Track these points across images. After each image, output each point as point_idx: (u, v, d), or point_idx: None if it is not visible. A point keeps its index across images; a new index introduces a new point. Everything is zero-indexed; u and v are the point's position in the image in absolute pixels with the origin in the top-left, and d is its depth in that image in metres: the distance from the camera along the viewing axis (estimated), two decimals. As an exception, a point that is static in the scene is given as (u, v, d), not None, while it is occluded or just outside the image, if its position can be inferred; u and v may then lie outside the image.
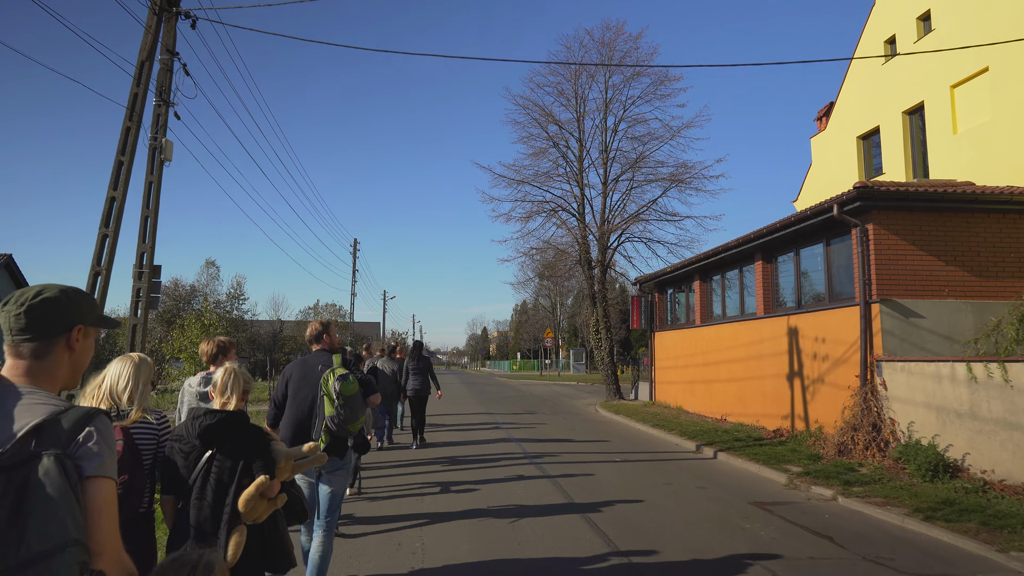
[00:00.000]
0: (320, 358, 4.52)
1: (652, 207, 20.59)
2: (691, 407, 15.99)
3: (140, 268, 8.80)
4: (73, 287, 1.54)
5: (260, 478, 2.60)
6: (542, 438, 12.26)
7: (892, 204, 9.37)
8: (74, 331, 1.49)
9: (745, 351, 13.33)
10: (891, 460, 8.36)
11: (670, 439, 12.16)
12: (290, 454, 2.85)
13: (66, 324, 1.47)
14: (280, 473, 2.75)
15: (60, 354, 1.47)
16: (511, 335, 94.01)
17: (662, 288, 19.04)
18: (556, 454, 10.33)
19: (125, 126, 8.44)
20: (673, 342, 17.52)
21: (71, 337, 1.48)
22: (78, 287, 1.56)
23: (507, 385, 35.04)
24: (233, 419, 2.74)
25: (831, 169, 18.06)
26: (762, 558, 5.18)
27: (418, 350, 11.58)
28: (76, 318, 1.49)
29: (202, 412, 2.72)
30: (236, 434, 2.71)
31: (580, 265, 21.12)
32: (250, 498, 2.55)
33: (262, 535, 2.71)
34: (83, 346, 1.52)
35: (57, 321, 1.46)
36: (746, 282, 13.81)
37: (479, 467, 9.22)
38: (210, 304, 30.30)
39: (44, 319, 1.44)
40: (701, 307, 15.79)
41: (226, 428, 2.69)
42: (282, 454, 2.80)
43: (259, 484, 2.58)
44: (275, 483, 2.68)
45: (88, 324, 1.53)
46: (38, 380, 1.43)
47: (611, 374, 20.65)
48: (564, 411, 18.19)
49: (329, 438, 4.17)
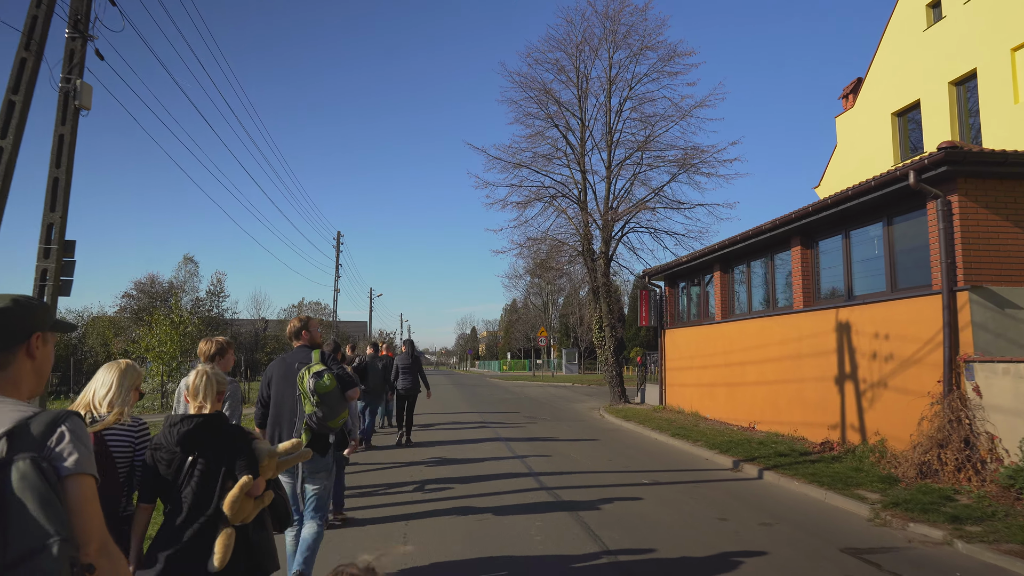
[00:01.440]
0: (299, 355, 4.44)
1: (660, 194, 18.89)
2: (710, 412, 14.30)
3: (47, 244, 6.86)
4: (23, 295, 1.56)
5: (243, 478, 2.53)
6: (549, 452, 10.49)
7: (985, 171, 7.69)
8: (32, 339, 1.51)
9: (778, 350, 11.66)
10: (997, 486, 6.66)
11: (698, 452, 10.43)
12: (273, 451, 2.75)
13: (24, 333, 1.50)
14: (264, 471, 2.67)
15: (22, 363, 1.49)
16: (501, 335, 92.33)
17: (674, 281, 17.34)
18: (570, 474, 8.58)
19: (20, 57, 6.54)
20: (687, 340, 15.83)
21: (31, 345, 1.51)
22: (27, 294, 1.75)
23: (499, 387, 33.24)
24: (210, 422, 2.67)
25: (860, 150, 16.45)
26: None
27: (410, 348, 11.35)
28: (33, 325, 1.52)
29: (178, 419, 2.63)
30: (215, 437, 2.65)
31: (583, 256, 19.36)
32: (235, 499, 2.49)
33: (247, 536, 2.60)
34: (43, 352, 1.56)
35: (15, 331, 1.48)
36: (779, 272, 12.12)
37: (480, 495, 7.42)
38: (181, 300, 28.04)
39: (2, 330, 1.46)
40: (722, 301, 14.10)
41: (204, 432, 2.63)
42: (265, 452, 2.72)
43: (243, 484, 2.51)
44: (260, 481, 2.62)
45: (45, 330, 1.57)
46: (3, 390, 1.45)
47: (616, 375, 18.92)
48: (567, 417, 16.43)
49: (311, 436, 4.13)
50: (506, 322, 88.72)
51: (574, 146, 19.55)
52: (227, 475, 2.58)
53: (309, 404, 4.09)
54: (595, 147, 19.59)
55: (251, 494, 2.56)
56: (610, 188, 19.45)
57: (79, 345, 33.67)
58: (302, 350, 4.47)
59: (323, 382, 4.04)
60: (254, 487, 2.56)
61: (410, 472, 8.83)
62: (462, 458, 9.86)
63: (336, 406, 4.13)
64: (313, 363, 4.17)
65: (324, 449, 4.22)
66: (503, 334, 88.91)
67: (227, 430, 2.71)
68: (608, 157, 19.53)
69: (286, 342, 44.52)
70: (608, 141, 19.47)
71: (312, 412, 4.08)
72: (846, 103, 17.14)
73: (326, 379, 4.05)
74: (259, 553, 2.65)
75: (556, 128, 19.69)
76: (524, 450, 10.60)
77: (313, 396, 4.03)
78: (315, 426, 4.10)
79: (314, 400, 4.04)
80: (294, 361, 4.41)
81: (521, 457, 9.91)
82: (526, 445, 11.18)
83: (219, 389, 2.81)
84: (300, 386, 4.12)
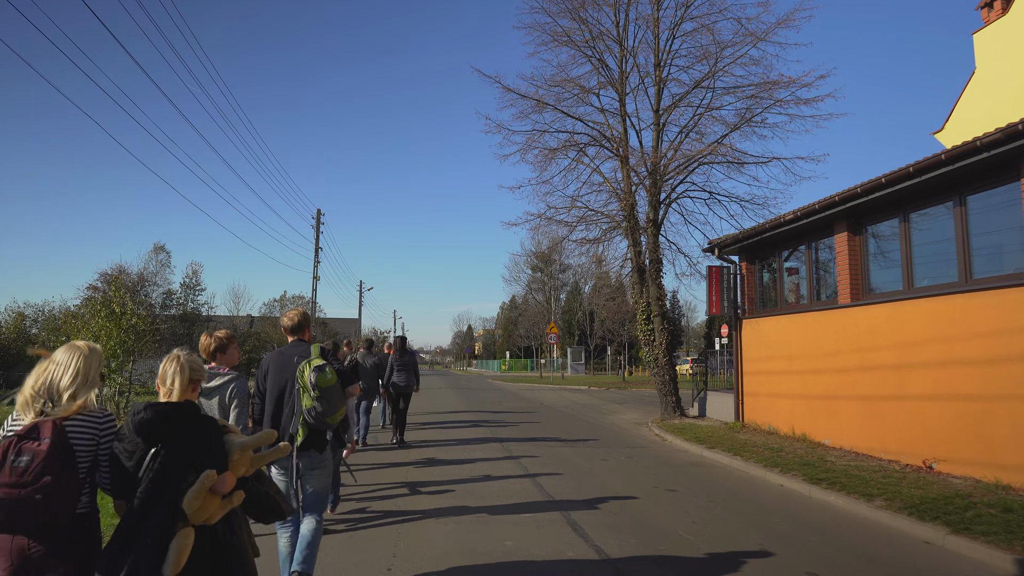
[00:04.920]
0: (297, 349, 4.40)
1: (723, 143, 14.43)
2: (829, 437, 9.92)
3: None
4: None
5: (206, 472, 2.27)
6: (630, 520, 6.07)
7: None
8: None
9: (979, 347, 7.29)
10: None
11: (888, 522, 6.00)
12: (246, 445, 2.46)
13: None
14: (235, 467, 2.41)
15: None
16: (498, 333, 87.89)
17: (751, 255, 12.95)
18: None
19: None
20: (782, 333, 11.44)
21: None
22: None
23: (505, 390, 28.72)
24: (176, 411, 2.41)
25: (1012, 75, 12.06)
26: None
27: (403, 345, 10.99)
28: None
29: (142, 406, 2.38)
30: (183, 427, 2.38)
31: (626, 223, 14.89)
32: (195, 495, 2.23)
33: (215, 538, 2.33)
34: None
35: None
36: (975, 226, 7.75)
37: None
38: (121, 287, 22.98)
39: None
40: (852, 275, 9.71)
41: (167, 421, 2.36)
42: (236, 445, 2.44)
43: (204, 478, 2.24)
44: (227, 477, 2.33)
45: None
46: None
47: (669, 380, 14.49)
48: (611, 437, 12.01)
49: (307, 431, 4.08)
50: (504, 320, 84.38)
51: (614, 80, 15.10)
52: (190, 469, 2.30)
53: (308, 398, 4.01)
54: (641, 84, 15.15)
55: (215, 490, 2.28)
56: (659, 138, 15.04)
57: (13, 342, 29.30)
58: (298, 344, 4.41)
59: (325, 376, 3.98)
60: (219, 483, 2.28)
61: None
62: (492, 550, 5.41)
63: (336, 401, 4.06)
64: (313, 357, 4.11)
65: (322, 445, 4.15)
66: (501, 332, 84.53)
67: (197, 420, 2.45)
68: (656, 98, 15.11)
69: (268, 340, 39.99)
70: (656, 77, 15.04)
71: (311, 407, 4.00)
72: (987, 14, 12.76)
73: (328, 373, 4.00)
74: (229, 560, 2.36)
75: (589, 61, 15.27)
76: (594, 527, 6.15)
77: (314, 390, 3.96)
78: (313, 421, 4.03)
79: (314, 394, 3.97)
80: (293, 354, 4.33)
81: (597, 548, 5.45)
82: (592, 515, 6.71)
83: (193, 377, 2.59)
84: (300, 379, 4.05)
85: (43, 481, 2.17)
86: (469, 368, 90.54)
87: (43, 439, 2.22)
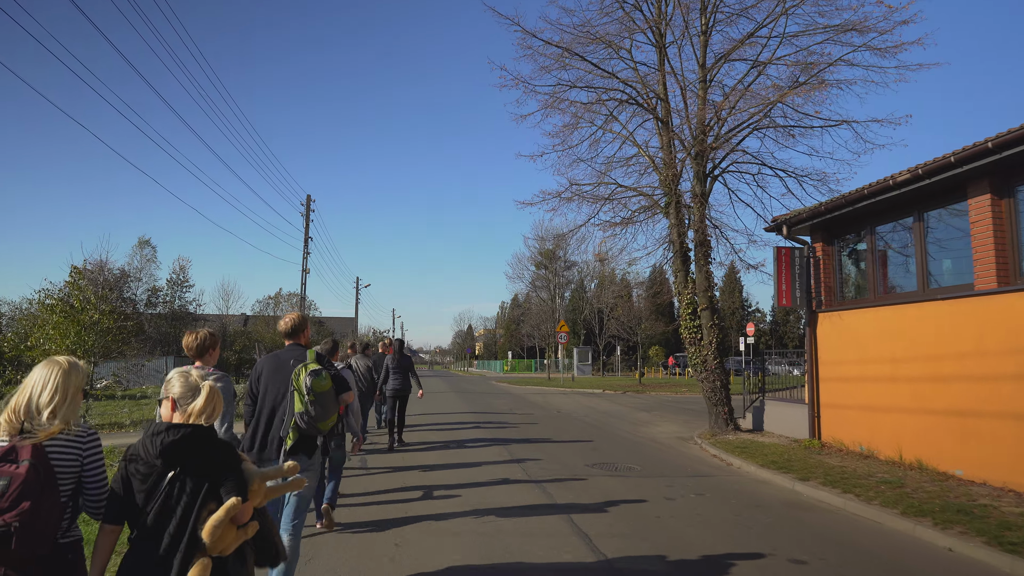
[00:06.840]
0: (293, 352, 4.29)
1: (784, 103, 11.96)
2: (962, 467, 7.49)
3: None
4: None
5: (231, 500, 2.12)
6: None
7: None
8: None
9: None
10: None
11: None
12: (264, 475, 2.33)
13: None
14: (252, 496, 2.27)
15: None
16: (500, 332, 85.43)
17: (829, 233, 10.54)
18: None
19: None
20: (879, 329, 9.00)
21: None
22: None
23: (513, 394, 26.22)
24: (200, 434, 2.25)
25: None
26: None
27: (399, 348, 10.76)
28: None
29: (164, 427, 2.23)
30: (203, 451, 2.23)
31: (669, 199, 12.43)
32: (218, 524, 2.08)
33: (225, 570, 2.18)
34: None
35: None
36: None
37: None
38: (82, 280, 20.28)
39: None
40: (999, 251, 7.28)
41: (192, 445, 2.21)
42: (256, 474, 2.31)
43: (229, 507, 2.11)
44: (247, 507, 2.22)
45: None
46: None
47: (720, 387, 12.04)
48: (661, 461, 9.56)
49: (297, 436, 3.98)
50: (506, 319, 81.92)
51: (653, 25, 12.64)
52: (208, 496, 2.17)
53: (300, 402, 3.92)
54: (686, 34, 12.69)
55: (236, 521, 2.17)
56: (705, 99, 12.60)
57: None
58: (295, 347, 4.32)
59: (320, 381, 3.89)
60: (241, 512, 2.16)
61: None
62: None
63: (329, 407, 3.95)
64: (309, 361, 4.03)
65: (311, 450, 4.05)
66: (502, 332, 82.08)
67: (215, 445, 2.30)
68: (702, 49, 12.68)
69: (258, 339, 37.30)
70: (703, 24, 12.61)
71: (303, 411, 3.90)
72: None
73: (324, 378, 3.92)
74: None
75: (622, 7, 12.83)
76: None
77: (308, 394, 3.87)
78: (304, 426, 3.93)
79: (308, 399, 3.87)
80: (288, 358, 4.24)
81: None
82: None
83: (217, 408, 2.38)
84: (295, 383, 3.94)
85: (21, 507, 2.03)
86: (470, 369, 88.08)
87: (21, 461, 2.09)
